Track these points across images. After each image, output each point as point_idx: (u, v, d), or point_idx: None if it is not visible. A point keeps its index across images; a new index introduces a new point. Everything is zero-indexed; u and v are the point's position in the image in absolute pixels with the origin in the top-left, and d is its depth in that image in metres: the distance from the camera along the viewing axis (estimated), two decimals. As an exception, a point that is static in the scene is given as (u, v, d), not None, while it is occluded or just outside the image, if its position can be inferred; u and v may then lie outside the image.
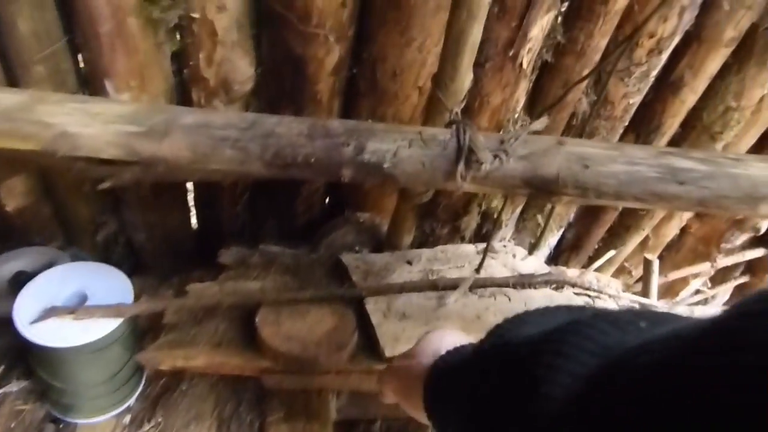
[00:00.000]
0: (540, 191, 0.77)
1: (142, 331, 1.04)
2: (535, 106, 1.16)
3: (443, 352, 0.55)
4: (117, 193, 1.19)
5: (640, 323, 0.34)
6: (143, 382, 1.04)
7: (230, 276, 1.12)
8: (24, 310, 0.85)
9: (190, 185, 1.31)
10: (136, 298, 1.13)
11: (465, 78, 0.85)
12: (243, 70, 1.02)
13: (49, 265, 0.96)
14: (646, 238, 1.60)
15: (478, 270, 1.09)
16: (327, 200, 1.33)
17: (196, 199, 1.31)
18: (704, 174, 0.78)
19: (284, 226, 1.31)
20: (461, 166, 0.73)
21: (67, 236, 1.25)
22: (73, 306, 0.88)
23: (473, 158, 0.73)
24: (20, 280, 0.95)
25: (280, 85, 1.03)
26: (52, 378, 0.89)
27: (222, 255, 1.18)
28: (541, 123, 0.80)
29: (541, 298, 1.11)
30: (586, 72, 1.08)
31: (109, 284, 0.93)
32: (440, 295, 1.04)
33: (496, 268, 1.21)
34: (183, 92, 1.03)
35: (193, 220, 1.36)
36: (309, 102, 1.03)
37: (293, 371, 0.96)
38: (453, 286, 1.09)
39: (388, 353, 0.95)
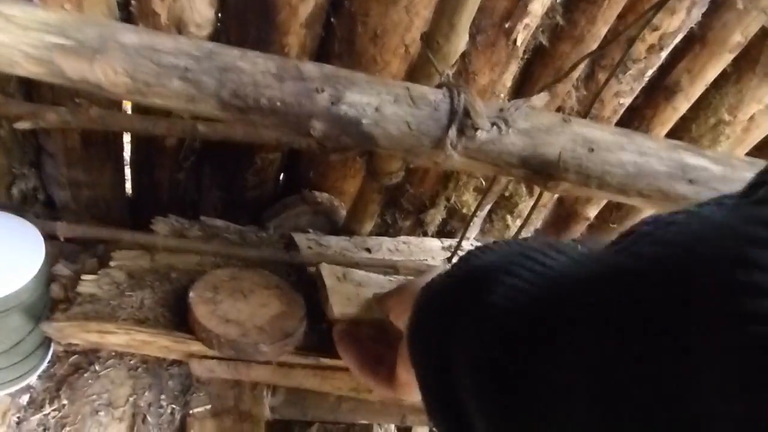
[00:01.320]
0: (537, 173, 0.67)
1: (53, 299, 0.89)
2: (520, 94, 1.07)
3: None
4: (39, 140, 1.03)
5: (579, 247, 0.40)
6: (49, 358, 0.89)
7: (164, 246, 0.97)
8: None
9: (127, 142, 1.16)
10: (51, 264, 0.98)
11: (461, 39, 0.74)
12: (202, 10, 0.88)
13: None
14: (611, 254, 1.54)
15: (449, 260, 0.98)
16: (282, 176, 1.20)
17: (132, 158, 1.16)
18: (716, 175, 0.70)
19: (231, 199, 1.17)
20: (453, 132, 0.62)
21: (-25, 186, 1.08)
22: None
23: (468, 124, 0.62)
24: None
25: (243, 34, 0.90)
26: (-69, 343, 0.74)
27: (156, 223, 1.03)
28: (540, 99, 0.70)
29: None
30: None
31: (15, 236, 0.78)
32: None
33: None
34: (130, 28, 0.89)
35: (128, 184, 1.21)
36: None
37: (228, 358, 0.82)
38: (415, 269, 0.99)
39: (336, 312, 0.82)
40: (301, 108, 0.61)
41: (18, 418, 0.83)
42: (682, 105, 1.11)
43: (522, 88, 1.07)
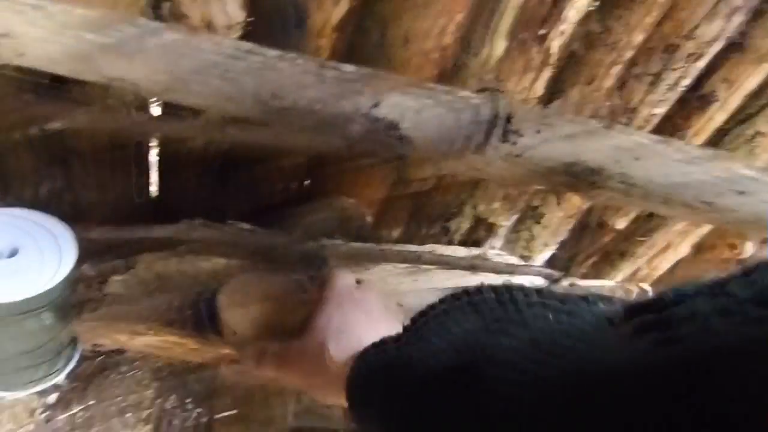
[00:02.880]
0: (578, 182, 0.66)
1: (80, 300, 0.89)
2: (552, 102, 1.05)
3: (354, 342, 0.52)
4: (68, 141, 1.03)
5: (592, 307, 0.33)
6: (76, 358, 0.88)
7: (193, 250, 0.97)
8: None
9: (153, 145, 1.16)
10: (78, 264, 0.98)
11: (497, 44, 0.73)
12: (232, 12, 0.87)
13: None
14: (638, 268, 1.51)
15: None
16: (308, 181, 1.19)
17: (159, 161, 1.15)
18: (767, 186, 0.68)
19: (256, 204, 1.17)
20: (495, 138, 0.61)
21: (4, 186, 1.08)
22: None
23: (511, 129, 0.61)
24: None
25: (273, 37, 0.89)
26: (-37, 340, 0.73)
27: (183, 225, 1.02)
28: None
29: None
30: (615, 70, 0.98)
31: (47, 235, 0.78)
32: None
33: (492, 278, 1.09)
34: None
35: (153, 187, 1.21)
36: (306, 60, 0.90)
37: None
38: (437, 262, 0.99)
39: None
40: (339, 110, 0.60)
41: (46, 416, 0.83)
42: (717, 116, 1.09)
43: (552, 97, 1.05)
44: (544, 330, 0.32)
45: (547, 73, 0.98)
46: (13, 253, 0.75)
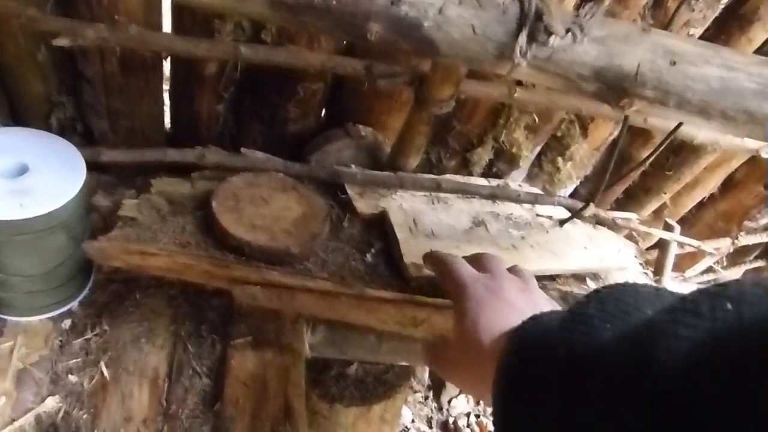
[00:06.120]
0: (611, 88, 0.62)
1: (92, 229, 0.87)
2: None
3: (512, 321, 0.48)
4: (77, 65, 1.00)
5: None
6: (89, 285, 0.87)
7: (205, 176, 0.94)
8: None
9: (166, 73, 1.12)
10: (90, 195, 0.97)
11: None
12: None
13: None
14: (662, 206, 1.47)
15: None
16: (324, 112, 1.16)
17: (172, 91, 1.12)
18: (810, 94, 0.63)
19: (271, 133, 1.13)
20: (523, 38, 0.57)
21: (14, 115, 1.06)
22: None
23: (540, 28, 0.56)
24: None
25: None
26: (-23, 261, 0.72)
27: (196, 151, 1.00)
28: None
29: (581, 237, 0.98)
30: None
31: (56, 156, 0.75)
32: (474, 218, 0.93)
33: (513, 208, 1.06)
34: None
35: (166, 119, 1.18)
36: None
37: (271, 285, 0.80)
38: (456, 190, 1.03)
39: (413, 273, 0.84)
40: (358, 7, 0.56)
41: (60, 341, 0.82)
42: (758, 36, 1.02)
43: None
44: (726, 320, 0.29)
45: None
46: (22, 172, 0.72)
